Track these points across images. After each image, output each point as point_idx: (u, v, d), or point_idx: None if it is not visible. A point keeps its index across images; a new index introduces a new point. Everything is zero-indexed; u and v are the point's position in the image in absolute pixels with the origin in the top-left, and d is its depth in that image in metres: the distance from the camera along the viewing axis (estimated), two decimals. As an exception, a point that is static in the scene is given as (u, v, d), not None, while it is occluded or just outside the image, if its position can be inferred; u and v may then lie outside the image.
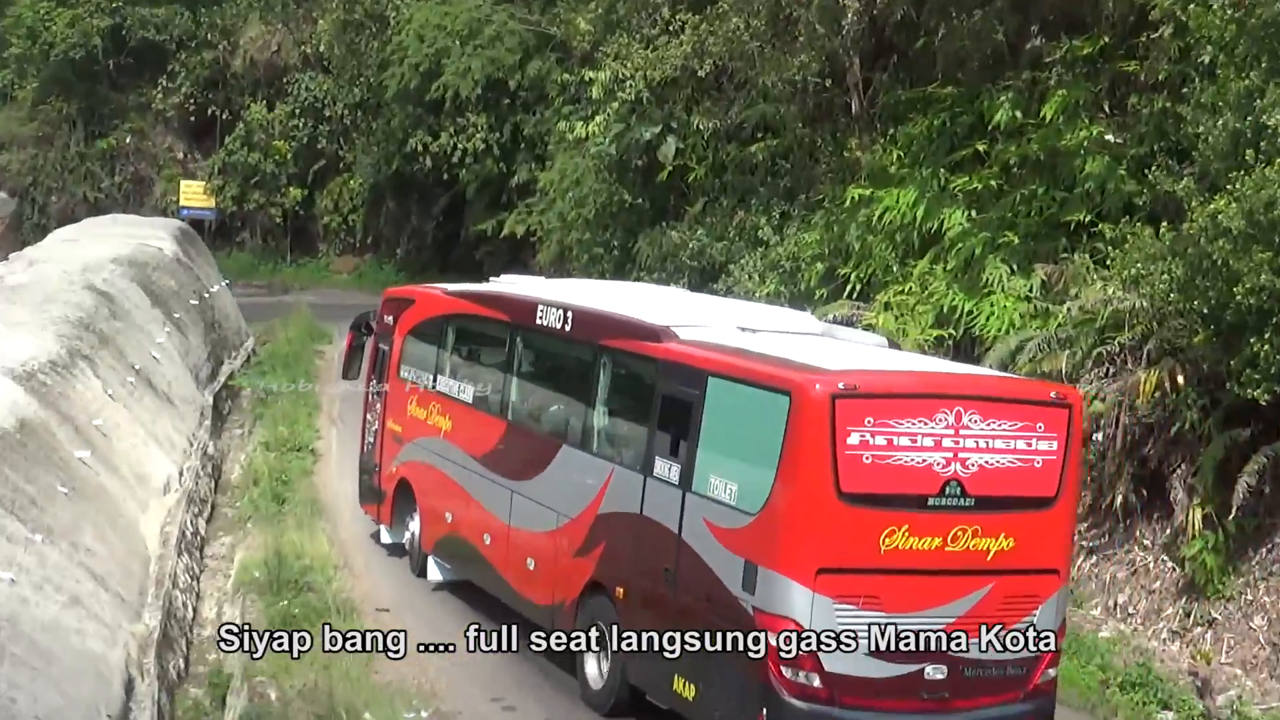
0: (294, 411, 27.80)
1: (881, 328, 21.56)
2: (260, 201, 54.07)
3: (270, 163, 53.57)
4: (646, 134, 30.29)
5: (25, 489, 14.00)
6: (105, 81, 55.66)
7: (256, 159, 53.41)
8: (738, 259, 27.70)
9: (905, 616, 10.81)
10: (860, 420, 10.52)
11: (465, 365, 18.20)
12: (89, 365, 20.78)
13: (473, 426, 16.93)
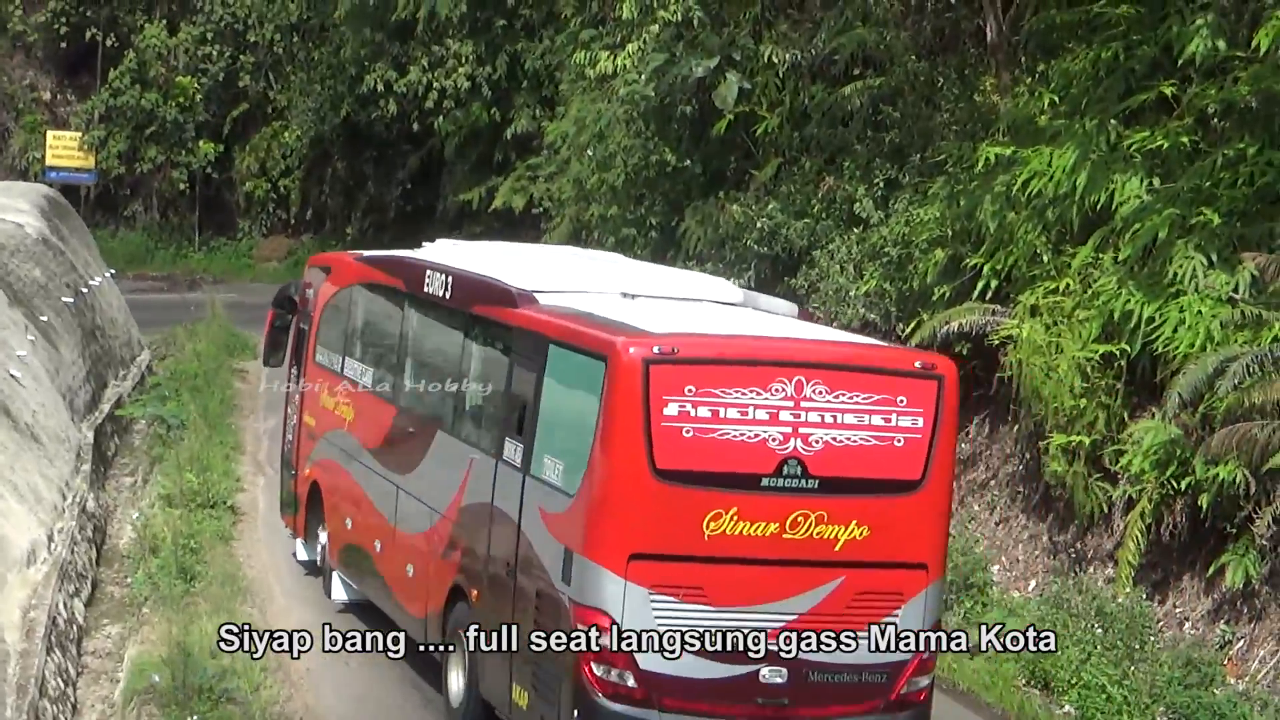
0: (206, 453, 25.16)
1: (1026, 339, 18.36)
2: (158, 160, 48.88)
3: (172, 107, 48.37)
4: (699, 69, 27.43)
5: None
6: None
7: (153, 101, 48.23)
8: (825, 243, 24.87)
9: (735, 611, 10.40)
10: (679, 389, 10.15)
11: (366, 344, 17.88)
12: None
13: (369, 414, 16.86)
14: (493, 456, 12.71)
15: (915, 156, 24.83)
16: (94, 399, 28.22)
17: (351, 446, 17.40)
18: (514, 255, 18.11)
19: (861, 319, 23.76)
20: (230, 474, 25.12)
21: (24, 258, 28.06)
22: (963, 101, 25.41)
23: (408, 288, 16.41)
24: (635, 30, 29.22)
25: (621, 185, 30.32)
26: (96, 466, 24.88)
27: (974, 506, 22.78)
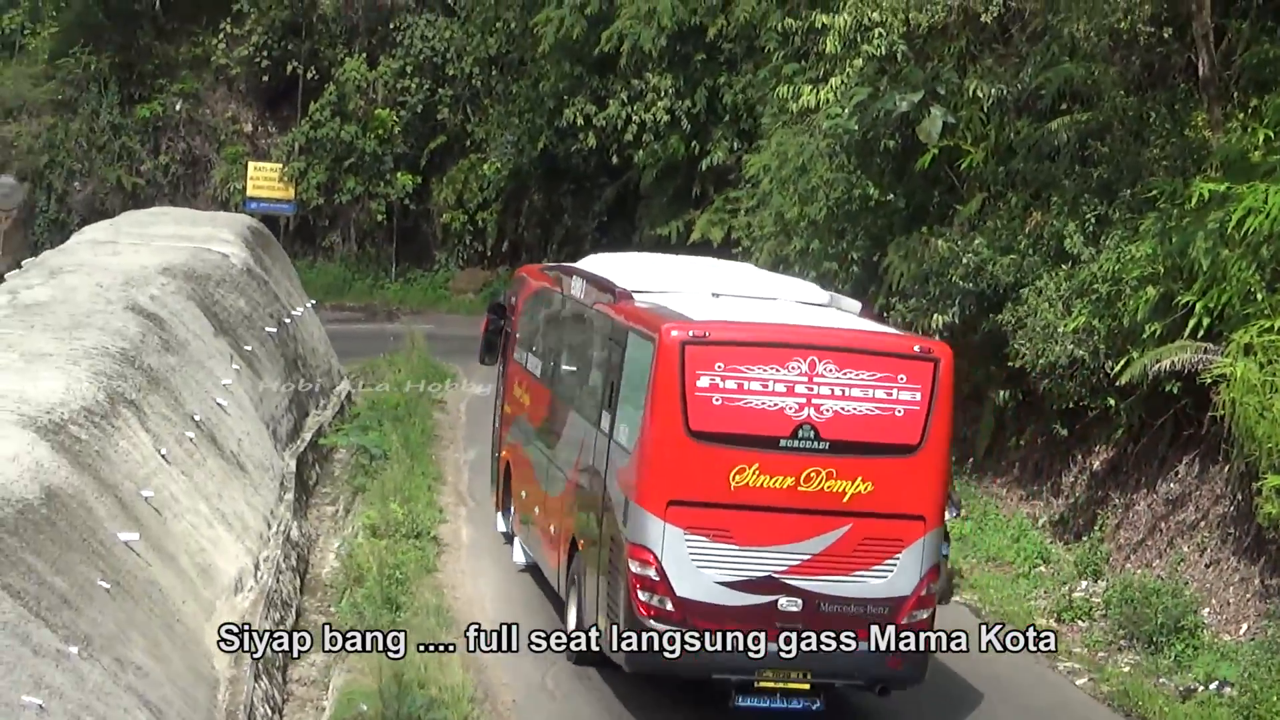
0: (408, 483, 24.93)
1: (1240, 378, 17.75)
2: (356, 191, 49.12)
3: (371, 139, 48.86)
4: (903, 104, 27.55)
5: (54, 583, 11.51)
6: (148, 26, 51.17)
7: (352, 134, 48.26)
8: (1032, 279, 24.70)
9: (757, 550, 12.73)
10: (710, 365, 12.64)
11: (538, 339, 20.54)
12: (135, 415, 17.82)
13: (536, 400, 19.64)
14: (596, 428, 15.40)
15: (1125, 192, 24.43)
16: (296, 428, 28.13)
17: (526, 429, 20.19)
18: (645, 263, 20.63)
19: (1070, 355, 23.05)
20: (433, 504, 25.16)
21: (229, 288, 27.76)
22: (1174, 137, 24.95)
23: (560, 289, 19.47)
24: (838, 64, 29.46)
25: (824, 219, 30.52)
26: (299, 495, 24.88)
27: (1184, 548, 22.22)
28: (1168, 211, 23.08)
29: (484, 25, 46.89)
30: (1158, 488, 23.80)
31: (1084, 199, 25.72)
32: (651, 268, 19.20)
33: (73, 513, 15.16)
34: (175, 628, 14.91)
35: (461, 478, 28.31)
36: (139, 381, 20.58)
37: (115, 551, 14.37)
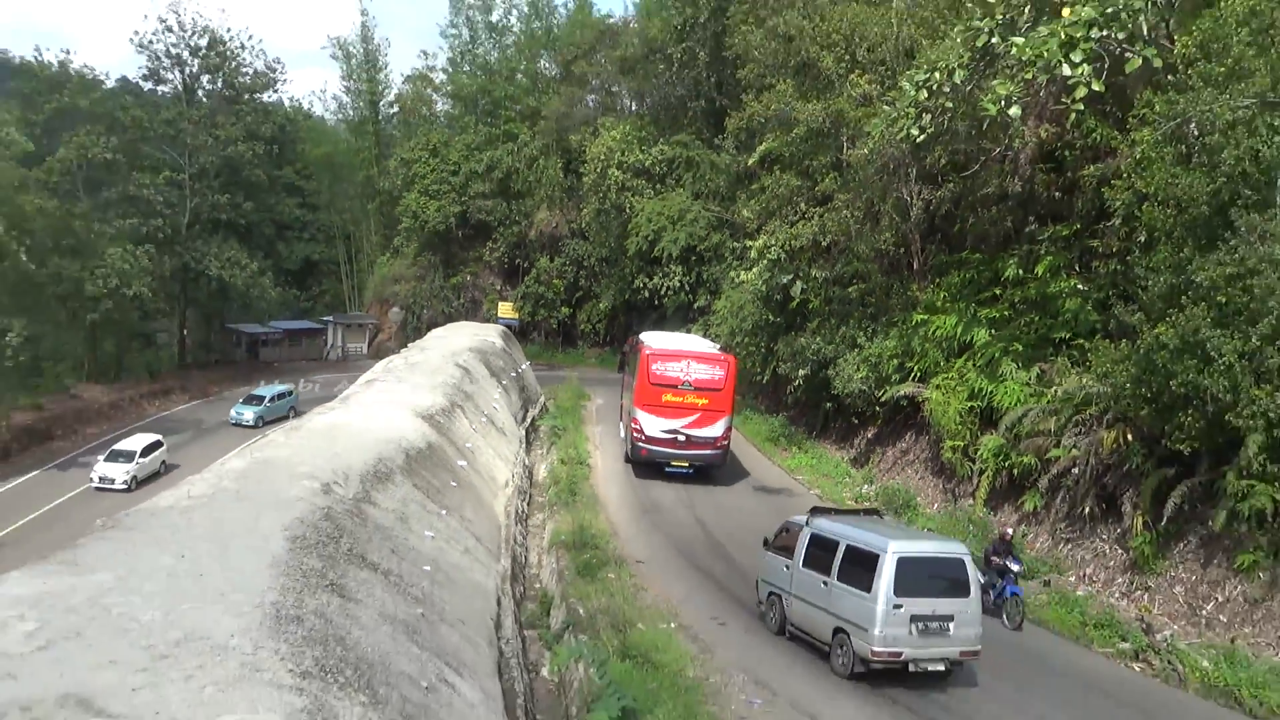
0: (574, 441, 37.43)
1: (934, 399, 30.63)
2: (544, 315, 72.37)
3: (550, 293, 72.02)
4: (784, 279, 38.88)
5: (434, 483, 21.81)
6: (456, 243, 74.94)
7: (542, 290, 71.82)
8: (841, 356, 35.73)
9: (671, 420, 33.68)
10: (658, 360, 33.79)
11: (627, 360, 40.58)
12: (460, 411, 30.00)
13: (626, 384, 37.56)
14: (630, 387, 35.05)
15: (882, 319, 35.93)
16: (523, 416, 40.35)
17: (629, 404, 35.28)
18: (661, 334, 38.68)
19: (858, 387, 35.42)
20: (584, 450, 36.60)
21: (494, 355, 42.81)
22: (902, 295, 35.82)
23: (629, 345, 39.63)
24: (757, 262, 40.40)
25: (749, 328, 41.81)
26: (527, 445, 37.00)
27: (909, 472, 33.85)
28: (901, 327, 33.85)
29: (599, 244, 64.45)
30: (896, 444, 34.84)
31: (863, 321, 36.40)
32: (659, 335, 37.88)
33: (439, 451, 23.63)
34: (482, 501, 24.14)
35: (596, 438, 40.05)
36: (461, 397, 31.31)
37: (456, 469, 23.91)
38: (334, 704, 10.13)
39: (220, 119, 65.39)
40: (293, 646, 10.96)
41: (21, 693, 9.38)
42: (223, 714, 9.23)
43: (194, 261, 63.58)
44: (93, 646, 10.44)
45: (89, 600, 11.51)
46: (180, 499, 16.37)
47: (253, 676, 10.16)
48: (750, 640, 19.54)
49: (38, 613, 11.01)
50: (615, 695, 14.08)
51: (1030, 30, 25.35)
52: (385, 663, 12.12)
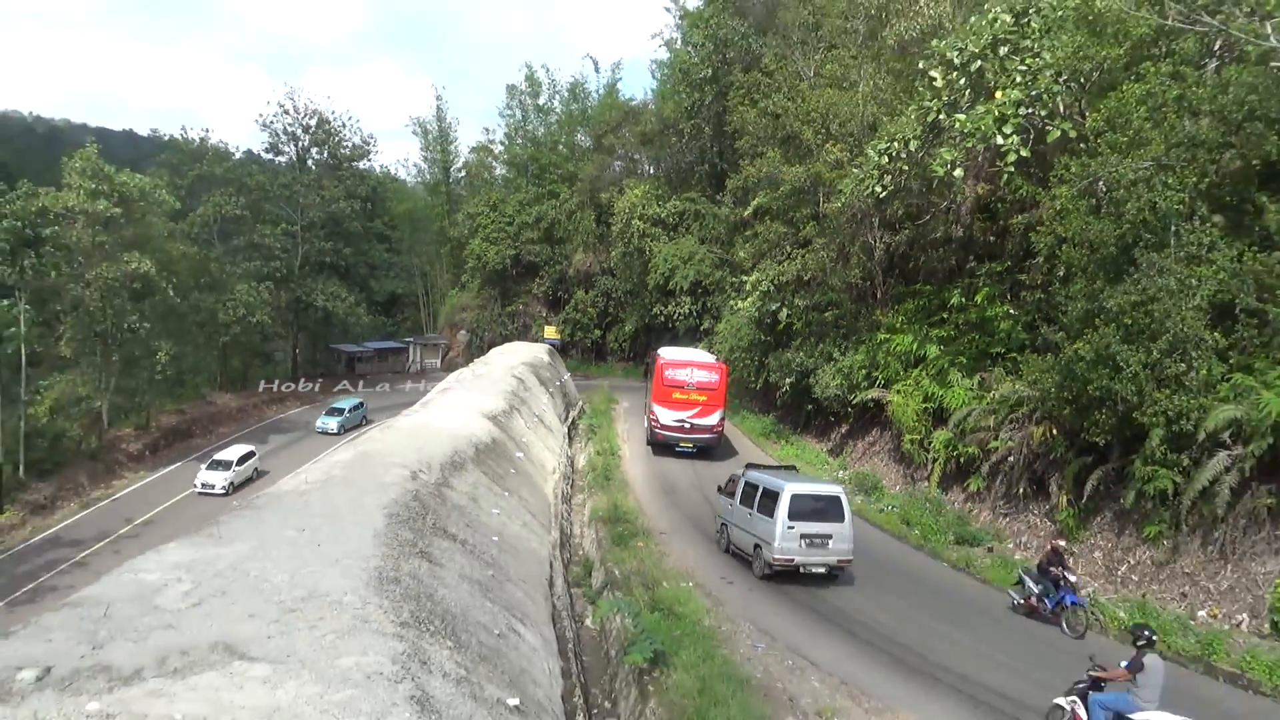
0: (606, 436, 37.19)
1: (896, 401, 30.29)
2: (580, 336, 71.62)
3: (585, 318, 71.67)
4: (773, 306, 38.81)
5: (496, 470, 21.90)
6: (511, 279, 74.88)
7: (579, 316, 71.23)
8: (819, 367, 35.93)
9: (679, 412, 34.71)
10: (671, 367, 34.98)
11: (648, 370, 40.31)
12: (517, 413, 30.29)
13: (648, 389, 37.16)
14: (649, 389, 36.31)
15: (853, 338, 36.00)
16: (565, 416, 40.01)
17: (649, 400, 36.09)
18: (674, 349, 38.95)
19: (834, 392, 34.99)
20: (615, 444, 36.19)
21: (543, 368, 42.74)
22: (868, 319, 36.04)
23: (650, 358, 39.94)
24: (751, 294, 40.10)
25: (745, 346, 41.23)
26: (569, 440, 36.55)
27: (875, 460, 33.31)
28: (868, 344, 33.72)
29: (624, 279, 63.90)
30: (865, 438, 34.45)
31: (837, 340, 36.16)
32: (673, 349, 38.13)
33: (501, 445, 23.67)
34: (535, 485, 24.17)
35: (623, 434, 39.50)
36: (517, 401, 31.20)
37: (515, 459, 23.99)
38: (427, 648, 10.06)
39: (326, 182, 65.84)
40: (393, 602, 10.89)
41: (181, 640, 9.35)
42: (341, 656, 9.12)
43: (304, 295, 63.97)
44: (236, 603, 10.38)
45: (231, 566, 11.47)
46: (299, 484, 16.34)
47: (363, 626, 10.08)
48: (752, 596, 19.23)
49: (191, 576, 10.98)
50: (648, 640, 13.95)
51: (970, 109, 25.21)
52: (465, 614, 12.02)
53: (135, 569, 11.11)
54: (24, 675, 8.34)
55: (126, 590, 10.37)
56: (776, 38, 42.41)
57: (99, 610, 9.74)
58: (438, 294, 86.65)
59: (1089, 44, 22.86)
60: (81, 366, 46.48)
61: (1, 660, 8.56)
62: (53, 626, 9.49)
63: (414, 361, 75.88)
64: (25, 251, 42.79)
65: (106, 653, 8.81)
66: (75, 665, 8.50)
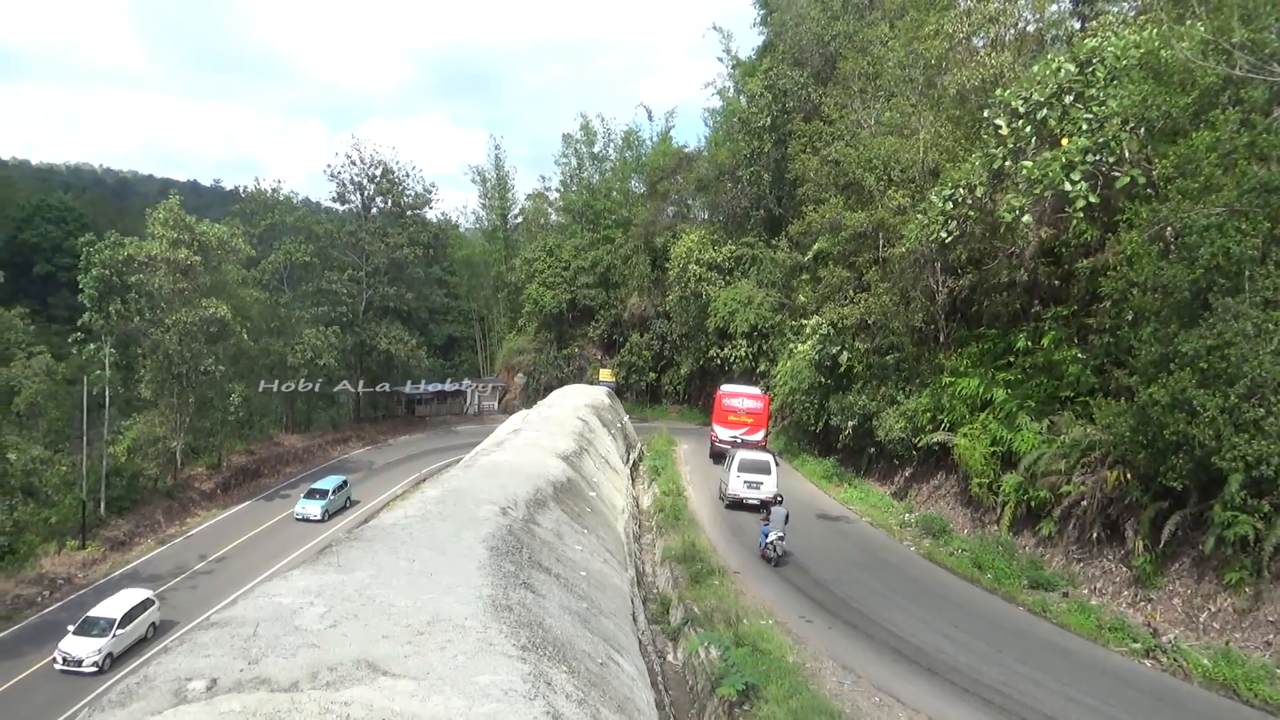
0: (671, 477, 37.13)
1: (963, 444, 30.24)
2: (635, 379, 72.15)
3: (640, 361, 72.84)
4: (833, 350, 39.29)
5: (574, 508, 22.37)
6: (567, 323, 75.83)
7: (634, 359, 71.73)
8: (882, 410, 36.01)
9: (733, 430, 43.53)
10: (725, 398, 45.02)
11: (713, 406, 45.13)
12: (585, 454, 30.65)
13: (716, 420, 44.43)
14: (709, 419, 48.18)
15: (915, 381, 35.88)
16: (626, 457, 40.15)
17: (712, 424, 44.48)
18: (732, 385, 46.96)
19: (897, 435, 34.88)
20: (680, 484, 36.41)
21: (604, 410, 43.10)
22: (930, 362, 35.69)
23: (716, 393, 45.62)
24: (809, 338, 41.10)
25: (804, 389, 42.34)
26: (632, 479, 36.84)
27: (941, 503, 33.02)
28: (932, 388, 33.45)
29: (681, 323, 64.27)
30: (930, 481, 34.23)
31: (899, 384, 36.20)
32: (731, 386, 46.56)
33: (575, 484, 24.17)
34: (608, 523, 24.50)
35: (686, 475, 39.64)
36: (584, 442, 31.61)
37: (588, 497, 24.55)
38: (548, 670, 10.69)
39: (389, 230, 68.04)
40: (510, 628, 11.54)
41: (326, 657, 10.10)
42: (477, 674, 9.79)
43: (368, 339, 65.67)
44: (368, 625, 11.12)
45: (356, 591, 12.24)
46: (399, 518, 17.15)
47: (488, 648, 10.74)
48: (832, 635, 19.39)
49: (323, 600, 11.76)
50: (738, 673, 14.37)
51: (1036, 155, 25.66)
52: (571, 643, 12.63)
53: (268, 593, 11.94)
54: (194, 685, 9.15)
55: (265, 612, 11.19)
56: (836, 87, 42.96)
57: (247, 629, 10.56)
58: (494, 337, 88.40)
59: (1156, 93, 23.14)
60: (159, 408, 48.15)
61: (170, 673, 9.38)
62: (207, 643, 10.32)
63: (472, 404, 77.28)
64: (112, 298, 44.70)
65: (262, 667, 9.60)
66: (237, 678, 9.29)
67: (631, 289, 72.82)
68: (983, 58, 31.55)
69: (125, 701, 9.10)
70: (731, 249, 58.18)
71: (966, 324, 35.02)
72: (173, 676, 9.44)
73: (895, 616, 20.77)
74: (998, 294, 32.29)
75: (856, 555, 27.57)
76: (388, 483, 51.89)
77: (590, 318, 75.83)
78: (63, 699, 26.83)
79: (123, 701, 9.11)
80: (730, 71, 68.48)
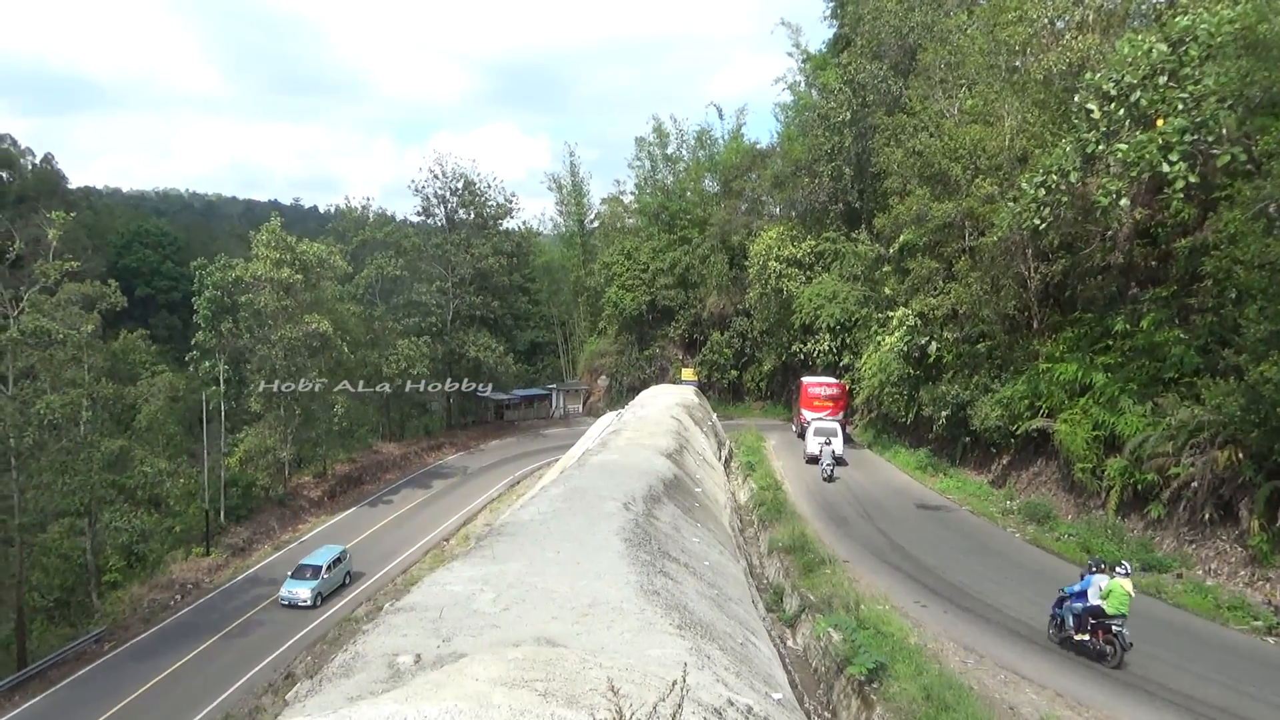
0: (767, 471, 37.94)
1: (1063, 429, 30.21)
2: (717, 377, 71.97)
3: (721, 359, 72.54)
4: (921, 340, 39.52)
5: (684, 503, 22.92)
6: (647, 324, 76.64)
7: (715, 357, 71.61)
8: (976, 399, 36.00)
9: (816, 413, 48.21)
10: (808, 387, 50.47)
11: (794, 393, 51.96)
12: (685, 451, 31.16)
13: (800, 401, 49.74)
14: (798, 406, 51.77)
15: (1009, 368, 35.80)
16: (719, 454, 39.81)
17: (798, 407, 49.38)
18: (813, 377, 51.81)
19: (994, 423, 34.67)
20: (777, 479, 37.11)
21: (694, 408, 43.12)
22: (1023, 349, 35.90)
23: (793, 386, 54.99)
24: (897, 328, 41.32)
25: (894, 380, 42.67)
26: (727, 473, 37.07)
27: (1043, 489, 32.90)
28: (1029, 374, 33.36)
29: (762, 320, 64.64)
30: (1029, 469, 34.12)
31: (992, 372, 36.19)
32: (811, 377, 51.59)
33: (681, 481, 24.61)
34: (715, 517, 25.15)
35: (779, 471, 40.08)
36: (682, 440, 31.81)
37: (694, 493, 24.99)
38: (704, 647, 11.61)
39: (473, 241, 69.99)
40: (663, 610, 12.48)
41: (508, 635, 11.17)
42: (646, 649, 10.74)
43: (457, 347, 67.77)
44: (536, 608, 12.17)
45: (517, 579, 13.33)
46: (534, 514, 18.31)
47: (649, 627, 11.69)
48: (949, 619, 19.97)
49: (491, 587, 12.87)
50: (867, 654, 15.18)
51: (1131, 138, 25.76)
52: (713, 625, 13.56)
53: (439, 582, 13.16)
54: (403, 660, 10.36)
55: (444, 599, 12.40)
56: (918, 78, 43.04)
57: (433, 613, 11.77)
58: (576, 341, 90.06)
59: (1255, 68, 23.08)
60: (268, 420, 50.79)
61: (378, 649, 10.61)
62: (401, 625, 11.55)
63: (557, 407, 79.00)
64: (224, 317, 47.43)
65: (454, 644, 10.75)
66: (436, 653, 10.46)
67: (710, 288, 73.55)
68: (1068, 41, 31.40)
69: (348, 674, 10.37)
70: (811, 244, 58.54)
71: (1060, 309, 34.90)
72: (381, 653, 10.69)
73: (1008, 600, 21.12)
74: (1092, 277, 32.13)
75: (961, 543, 27.73)
76: (481, 488, 53.78)
77: (670, 318, 76.67)
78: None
79: (346, 673, 10.38)
80: (801, 66, 68.51)
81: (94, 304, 38.94)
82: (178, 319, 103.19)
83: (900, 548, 27.04)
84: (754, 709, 9.48)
